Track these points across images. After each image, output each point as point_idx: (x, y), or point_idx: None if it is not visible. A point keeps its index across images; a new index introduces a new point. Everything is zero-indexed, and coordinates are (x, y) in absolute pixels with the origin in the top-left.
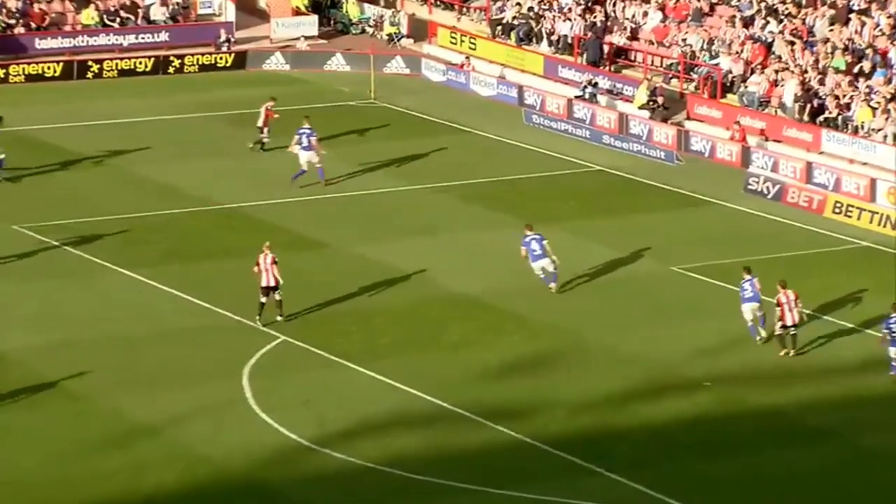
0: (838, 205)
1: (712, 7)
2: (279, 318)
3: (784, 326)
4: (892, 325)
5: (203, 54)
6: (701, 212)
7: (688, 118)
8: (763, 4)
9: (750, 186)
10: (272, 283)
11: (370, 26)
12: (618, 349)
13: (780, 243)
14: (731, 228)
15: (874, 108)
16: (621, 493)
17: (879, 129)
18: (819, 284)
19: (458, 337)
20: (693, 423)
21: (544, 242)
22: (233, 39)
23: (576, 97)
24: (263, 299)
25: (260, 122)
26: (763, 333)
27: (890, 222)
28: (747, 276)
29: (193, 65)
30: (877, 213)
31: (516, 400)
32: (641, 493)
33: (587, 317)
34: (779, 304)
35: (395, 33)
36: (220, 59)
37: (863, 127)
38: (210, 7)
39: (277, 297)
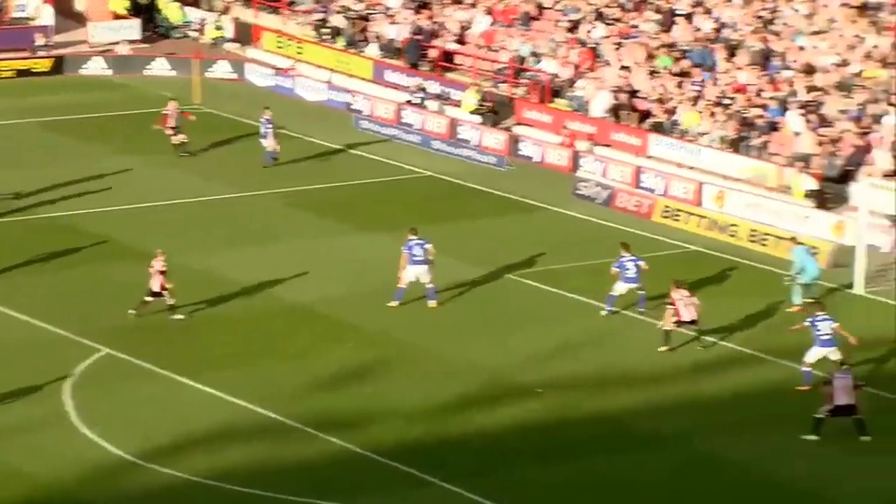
0: (667, 209)
1: (540, 11)
2: (176, 317)
3: (679, 322)
4: (817, 323)
5: (19, 59)
6: (532, 217)
7: (517, 123)
8: (590, 8)
9: (580, 191)
10: (156, 289)
11: (193, 30)
12: (452, 357)
13: (611, 247)
14: (562, 233)
15: (700, 113)
16: (456, 502)
17: (706, 133)
18: (647, 289)
19: (290, 347)
20: (528, 430)
21: (427, 247)
22: (50, 43)
23: (405, 102)
24: (148, 299)
25: (171, 124)
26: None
27: (717, 226)
28: (627, 255)
29: (9, 70)
30: (704, 217)
31: (350, 410)
32: (476, 502)
33: (421, 325)
34: (672, 303)
35: (219, 37)
36: (37, 63)
37: (690, 132)
38: (24, 10)
39: (169, 301)
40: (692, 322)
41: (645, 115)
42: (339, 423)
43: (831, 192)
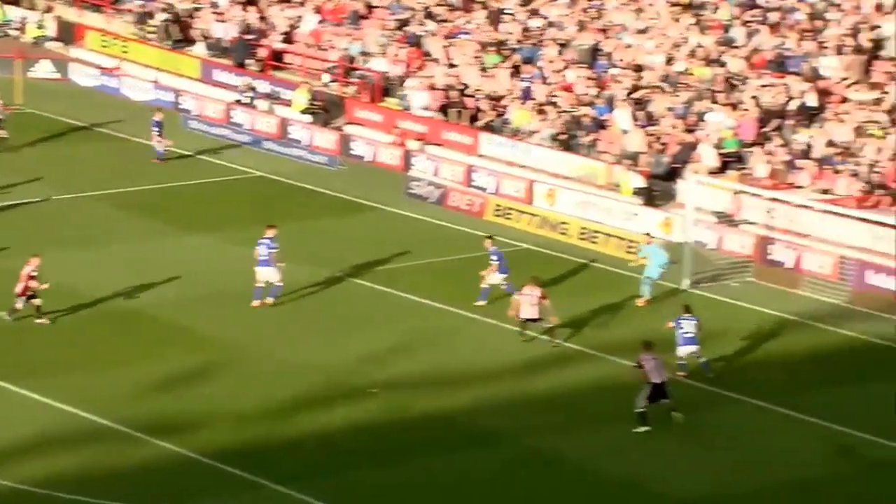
0: (499, 207)
1: (370, 10)
2: (38, 321)
3: (524, 320)
4: (682, 324)
5: None
6: (365, 217)
7: (349, 122)
8: (420, 6)
9: (412, 191)
10: (23, 293)
11: (14, 29)
12: (285, 359)
13: (444, 247)
14: (395, 233)
15: (530, 111)
16: None
17: (536, 132)
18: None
19: (119, 352)
20: (361, 430)
21: (273, 251)
22: None
23: (235, 102)
24: (19, 305)
25: None
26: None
27: (548, 224)
28: (490, 246)
29: None
30: (536, 215)
31: (180, 414)
32: None
33: (253, 327)
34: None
35: (40, 36)
36: None
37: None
38: None
39: (36, 302)
40: (532, 320)
41: (476, 113)
42: (169, 427)
43: (659, 189)
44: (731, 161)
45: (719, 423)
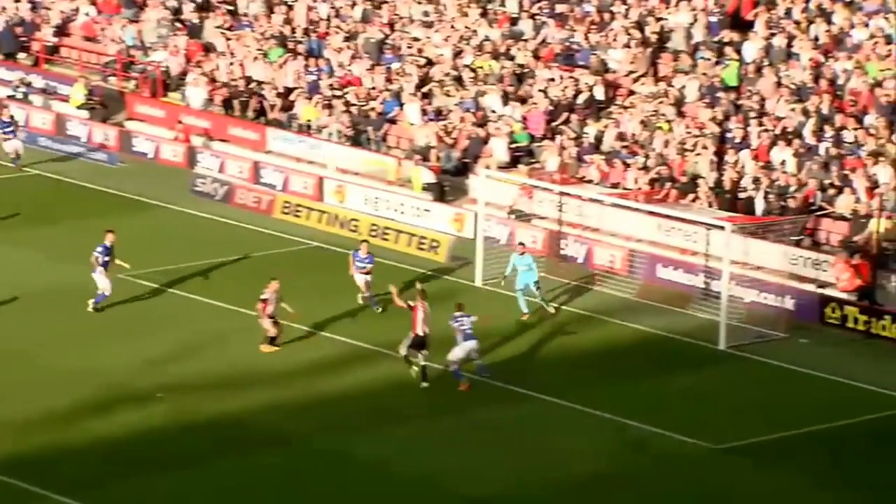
0: (287, 204)
1: (146, 0)
2: None
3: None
4: (460, 319)
5: None
6: (148, 216)
7: (129, 118)
8: None
9: (197, 188)
10: None
11: None
12: (63, 365)
13: (231, 246)
14: (181, 232)
15: (316, 105)
16: None
17: (325, 127)
18: (258, 286)
19: None
20: (147, 436)
21: (105, 258)
22: None
23: (8, 97)
24: None
25: None
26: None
27: (338, 221)
28: (361, 251)
29: None
30: (325, 212)
31: None
32: None
33: (28, 333)
34: (263, 302)
35: None
36: None
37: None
38: None
39: None
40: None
41: (261, 108)
42: None
43: (449, 184)
44: (521, 155)
45: (512, 419)
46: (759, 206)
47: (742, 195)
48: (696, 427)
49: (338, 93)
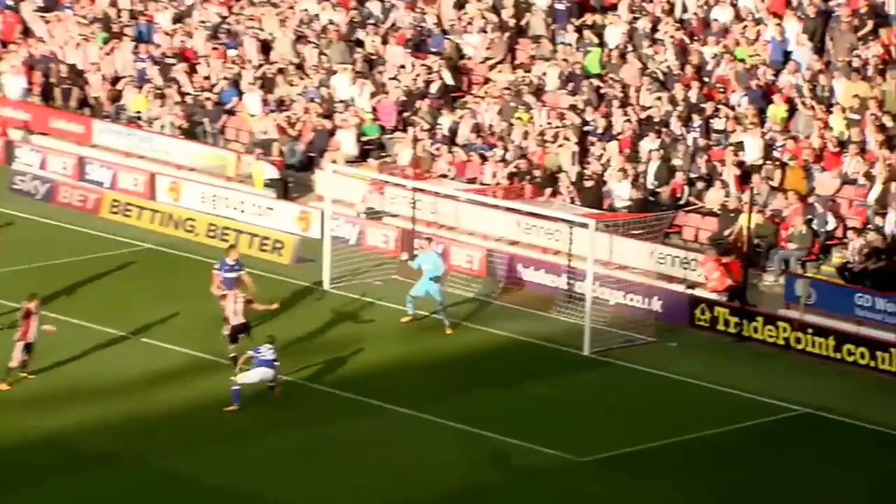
0: (116, 203)
1: None
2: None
3: (26, 345)
4: (261, 350)
5: None
6: None
7: None
8: None
9: (16, 186)
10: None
11: None
12: None
13: (54, 249)
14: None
15: (147, 96)
16: None
17: (156, 119)
18: (96, 292)
19: None
20: None
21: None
22: None
23: None
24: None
25: None
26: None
27: (172, 221)
28: (229, 257)
29: None
30: (158, 211)
31: None
32: None
33: None
34: (26, 317)
35: None
36: None
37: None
38: None
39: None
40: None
41: (85, 98)
42: None
43: (294, 180)
44: (372, 149)
45: (360, 433)
46: (623, 200)
47: (606, 189)
48: (560, 438)
49: (170, 82)
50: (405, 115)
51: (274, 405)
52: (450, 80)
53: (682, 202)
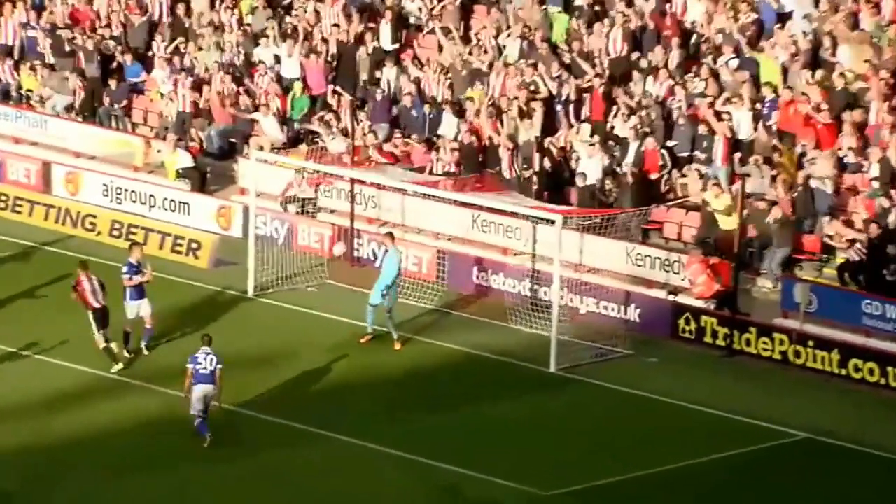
0: (3, 197)
1: None
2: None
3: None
4: (198, 360)
5: None
6: None
7: None
8: None
9: None
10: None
11: None
12: None
13: None
14: None
15: (34, 72)
16: None
17: (48, 99)
18: None
19: None
20: None
21: None
22: None
23: None
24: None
25: None
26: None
27: (70, 217)
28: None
29: None
30: (53, 206)
31: None
32: None
33: None
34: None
35: None
36: None
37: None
38: None
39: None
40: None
41: None
42: None
43: (212, 170)
44: (302, 132)
45: (293, 463)
46: (590, 179)
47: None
48: (521, 469)
49: (61, 55)
50: (335, 81)
51: (191, 433)
52: (388, 42)
53: (664, 191)
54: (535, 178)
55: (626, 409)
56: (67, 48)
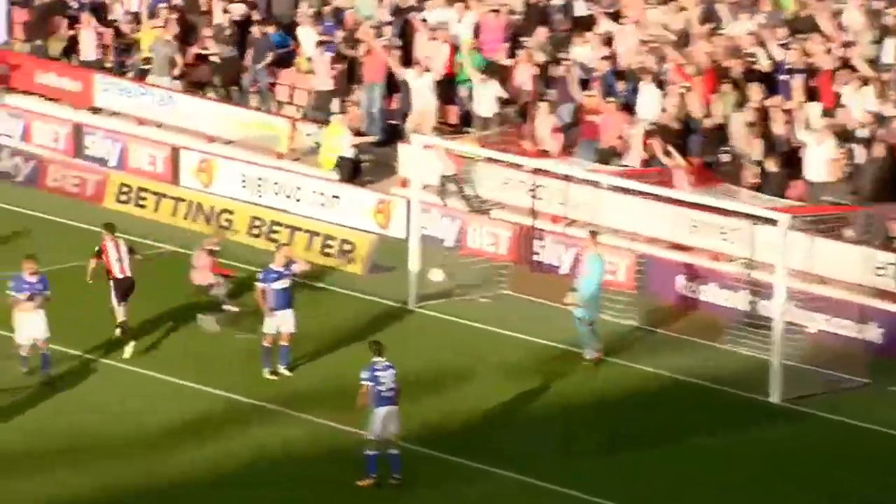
0: (125, 189)
1: None
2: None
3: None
4: (379, 376)
5: None
6: None
7: None
8: None
9: None
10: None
11: None
12: None
13: (39, 250)
14: None
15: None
16: None
17: (174, 71)
18: (99, 311)
19: None
20: None
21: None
22: None
23: None
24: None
25: None
26: None
27: (202, 213)
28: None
29: None
30: (182, 199)
31: None
32: None
33: None
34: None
35: None
36: None
37: None
38: None
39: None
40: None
41: (75, 41)
42: None
43: (370, 158)
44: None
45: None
46: (819, 181)
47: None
48: None
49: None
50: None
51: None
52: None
53: None
54: (752, 169)
55: (866, 449)
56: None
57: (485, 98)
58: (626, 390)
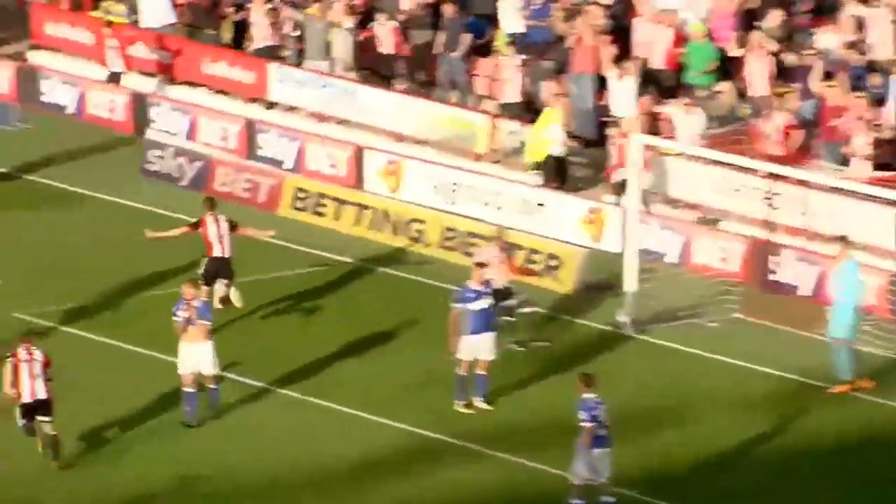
0: (302, 193)
1: None
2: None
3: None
4: (594, 410)
5: None
6: (73, 214)
7: (35, 46)
8: None
9: (151, 166)
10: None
11: None
12: None
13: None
14: (119, 240)
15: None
16: None
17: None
18: (272, 336)
19: None
20: None
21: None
22: None
23: None
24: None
25: None
26: None
27: (389, 222)
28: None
29: None
30: (367, 207)
31: None
32: None
33: None
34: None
35: None
36: None
37: None
38: None
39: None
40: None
41: (244, 24)
42: None
43: (580, 159)
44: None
45: None
46: None
47: None
48: None
49: None
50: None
51: None
52: None
53: None
54: None
55: None
56: None
57: (684, 129)
58: (875, 430)
